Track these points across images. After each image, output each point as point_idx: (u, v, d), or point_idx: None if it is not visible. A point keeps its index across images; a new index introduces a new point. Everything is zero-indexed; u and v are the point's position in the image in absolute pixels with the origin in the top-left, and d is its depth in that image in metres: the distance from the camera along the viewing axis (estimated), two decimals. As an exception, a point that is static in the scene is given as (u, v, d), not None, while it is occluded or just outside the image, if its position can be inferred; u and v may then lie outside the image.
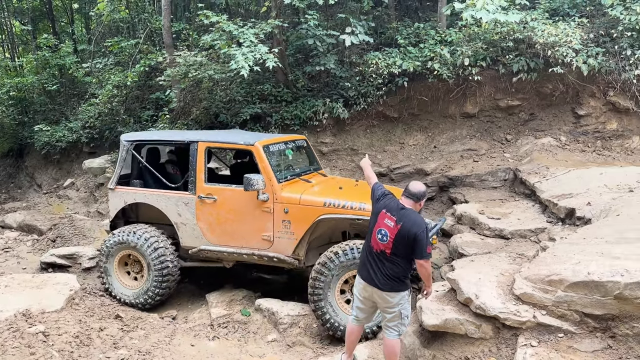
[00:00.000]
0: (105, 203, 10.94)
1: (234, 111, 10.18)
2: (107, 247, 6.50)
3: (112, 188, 6.67)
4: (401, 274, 4.26)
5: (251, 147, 5.97)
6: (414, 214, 4.24)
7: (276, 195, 5.80)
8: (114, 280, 6.52)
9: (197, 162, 6.15)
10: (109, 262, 6.52)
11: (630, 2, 8.91)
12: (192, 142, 6.23)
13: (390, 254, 4.20)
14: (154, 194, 6.46)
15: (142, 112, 12.04)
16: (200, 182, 6.13)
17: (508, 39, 9.21)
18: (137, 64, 11.66)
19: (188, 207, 6.19)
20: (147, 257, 6.25)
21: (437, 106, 10.04)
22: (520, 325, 4.29)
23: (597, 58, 8.84)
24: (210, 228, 6.15)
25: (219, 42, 8.76)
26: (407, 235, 4.10)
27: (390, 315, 4.36)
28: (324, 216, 5.64)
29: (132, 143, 6.67)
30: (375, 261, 4.29)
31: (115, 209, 6.69)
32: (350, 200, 5.66)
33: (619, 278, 3.97)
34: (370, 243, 4.36)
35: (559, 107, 9.51)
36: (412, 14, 11.80)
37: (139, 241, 6.26)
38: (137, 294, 6.39)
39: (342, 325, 5.33)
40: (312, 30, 9.25)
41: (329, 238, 6.15)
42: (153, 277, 6.25)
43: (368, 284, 4.33)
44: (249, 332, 5.70)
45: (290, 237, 5.80)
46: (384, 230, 4.23)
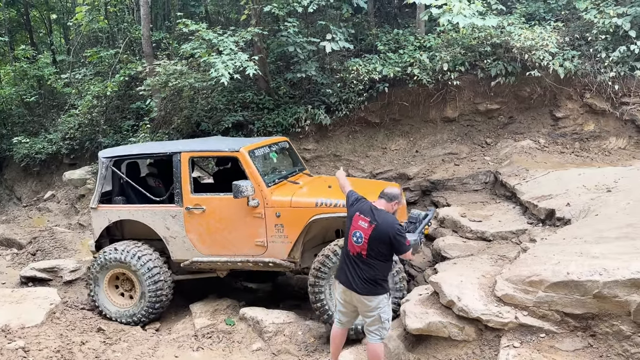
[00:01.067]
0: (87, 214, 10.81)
1: (216, 119, 10.16)
2: (98, 266, 6.28)
3: (94, 207, 6.48)
4: (378, 276, 4.31)
5: (236, 154, 5.90)
6: (387, 214, 4.34)
7: (266, 200, 5.76)
8: (104, 299, 6.34)
9: (181, 173, 6.04)
10: (98, 282, 6.32)
11: (603, 5, 9.10)
12: (175, 153, 6.10)
13: (367, 256, 4.27)
14: (139, 209, 6.30)
15: (122, 122, 11.95)
16: (187, 194, 6.03)
17: (486, 44, 9.34)
18: (117, 73, 11.58)
19: (176, 220, 6.08)
20: (140, 276, 6.09)
21: (417, 111, 10.12)
22: (502, 326, 4.32)
23: (573, 61, 8.99)
24: (201, 239, 6.06)
25: (199, 51, 8.74)
26: (382, 236, 4.21)
27: (370, 319, 4.39)
28: (317, 216, 5.63)
29: (111, 159, 6.47)
30: (353, 265, 4.34)
31: (100, 228, 6.50)
32: (341, 198, 5.57)
33: (598, 277, 4.02)
34: (347, 247, 4.42)
35: (537, 109, 9.64)
36: (391, 20, 11.90)
37: (132, 260, 6.09)
38: (130, 313, 6.23)
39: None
40: (293, 38, 9.28)
41: (322, 238, 6.15)
42: (147, 296, 6.11)
43: (347, 288, 4.37)
44: (234, 341, 5.66)
45: (284, 241, 5.77)
46: (358, 232, 4.30)
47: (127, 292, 6.40)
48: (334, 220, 5.79)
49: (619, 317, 3.92)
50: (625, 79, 8.97)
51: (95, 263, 6.30)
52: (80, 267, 7.61)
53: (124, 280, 6.38)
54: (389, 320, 4.47)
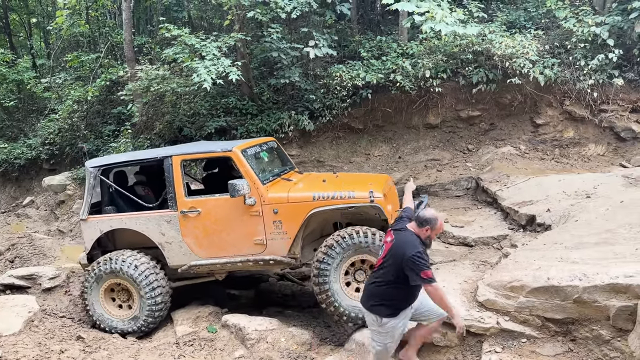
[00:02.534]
0: (67, 220, 10.68)
1: (199, 125, 10.10)
2: (92, 279, 6.09)
3: (84, 218, 6.27)
4: (383, 295, 4.05)
5: (229, 153, 5.85)
6: (411, 235, 3.99)
7: (263, 197, 5.70)
8: (102, 312, 6.15)
9: (174, 177, 5.94)
10: (94, 295, 6.12)
11: (582, 14, 9.28)
12: (166, 158, 6.00)
13: (377, 268, 4.13)
14: (132, 217, 6.14)
15: (103, 127, 11.82)
16: (181, 197, 5.93)
17: (467, 51, 9.44)
18: (98, 78, 11.47)
19: (171, 225, 5.97)
20: (138, 285, 5.95)
21: (400, 117, 10.18)
22: (484, 331, 4.35)
23: (553, 69, 9.14)
24: (198, 242, 5.96)
25: (182, 56, 8.69)
26: (397, 253, 3.94)
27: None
28: (315, 210, 5.57)
29: (99, 169, 6.30)
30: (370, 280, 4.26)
31: (91, 239, 6.28)
32: (337, 190, 5.64)
33: (578, 282, 4.08)
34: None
35: (518, 116, 9.77)
36: (375, 27, 11.98)
37: (128, 269, 5.94)
38: (128, 323, 6.08)
39: (346, 309, 5.29)
40: (276, 44, 9.28)
41: (320, 232, 6.12)
42: (146, 305, 5.97)
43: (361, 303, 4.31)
44: (216, 349, 5.60)
45: (283, 237, 5.71)
46: (383, 246, 4.20)
47: (125, 303, 6.22)
48: (332, 213, 5.76)
49: (598, 321, 3.98)
50: (603, 86, 9.15)
51: (90, 275, 6.11)
52: (60, 274, 7.47)
53: (119, 291, 6.21)
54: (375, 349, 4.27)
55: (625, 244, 4.85)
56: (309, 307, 6.95)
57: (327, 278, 5.34)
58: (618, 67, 9.15)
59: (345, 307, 5.31)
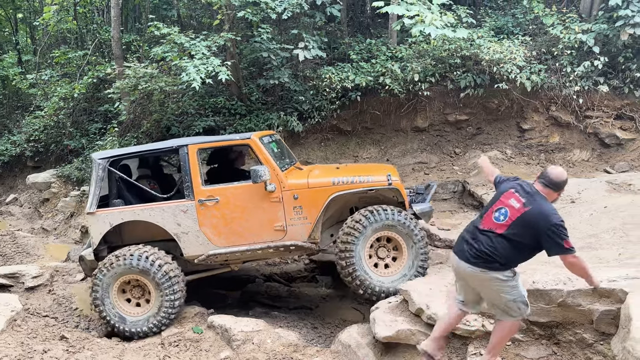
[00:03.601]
0: (52, 219, 10.56)
1: (186, 124, 10.05)
2: (106, 276, 5.86)
3: (92, 212, 6.04)
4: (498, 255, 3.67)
5: (248, 141, 5.90)
6: (547, 202, 3.66)
7: (283, 183, 5.78)
8: (116, 311, 5.93)
9: (190, 166, 5.89)
10: (108, 294, 5.90)
11: (569, 22, 9.40)
12: (181, 147, 5.94)
13: (500, 235, 3.68)
14: (145, 208, 5.97)
15: (90, 124, 11.71)
16: (198, 186, 5.87)
17: (455, 56, 9.52)
18: (85, 75, 11.35)
19: (188, 215, 5.89)
20: (156, 279, 5.79)
21: (389, 120, 10.23)
22: (469, 334, 4.38)
23: (540, 74, 9.24)
24: (217, 231, 5.91)
25: (171, 54, 8.64)
26: (532, 224, 3.59)
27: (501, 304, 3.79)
28: (336, 194, 5.72)
29: (108, 160, 6.12)
30: (477, 237, 3.79)
31: (100, 234, 6.05)
32: (355, 175, 5.83)
33: (562, 286, 4.13)
34: (478, 223, 3.87)
35: (505, 121, 9.87)
36: (364, 30, 12.02)
37: (145, 264, 5.77)
38: (144, 321, 5.89)
39: (372, 284, 5.52)
40: (266, 44, 9.28)
41: (338, 217, 6.20)
42: (165, 300, 5.82)
43: (458, 257, 3.86)
44: (201, 350, 5.57)
45: (303, 222, 5.79)
46: (504, 209, 3.73)
47: (139, 300, 6.03)
48: (350, 197, 5.93)
49: (582, 325, 4.03)
50: (589, 93, 9.28)
51: (102, 273, 5.87)
52: (43, 273, 7.39)
53: (132, 288, 6.03)
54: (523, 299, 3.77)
55: (609, 249, 4.93)
56: (295, 309, 6.97)
57: (353, 253, 5.50)
58: (603, 74, 9.29)
59: (370, 282, 5.53)
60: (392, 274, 5.65)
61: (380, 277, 5.61)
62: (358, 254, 5.55)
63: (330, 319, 6.51)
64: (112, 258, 5.89)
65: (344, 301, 7.30)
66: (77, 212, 9.96)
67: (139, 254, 5.84)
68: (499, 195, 3.88)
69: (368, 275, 5.57)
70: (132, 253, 5.85)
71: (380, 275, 5.62)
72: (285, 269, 8.22)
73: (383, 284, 5.56)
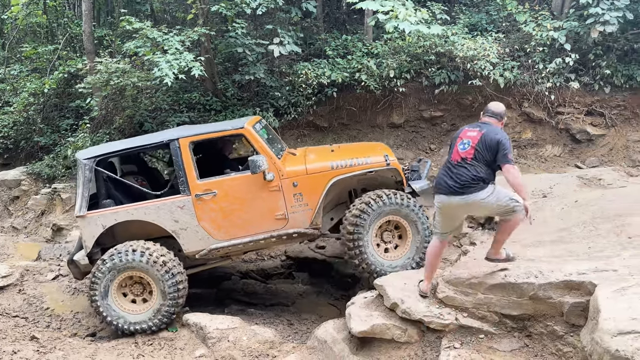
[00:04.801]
0: (22, 217, 10.31)
1: (160, 120, 9.90)
2: (105, 275, 5.69)
3: (82, 215, 5.83)
4: (480, 175, 4.33)
5: (242, 130, 5.83)
6: (496, 127, 4.47)
7: (281, 171, 5.75)
8: (117, 309, 5.78)
9: (183, 161, 5.75)
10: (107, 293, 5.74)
11: (541, 19, 9.53)
12: (172, 141, 5.78)
13: (471, 159, 4.36)
14: (139, 207, 5.81)
15: (61, 121, 11.45)
16: (193, 180, 5.76)
17: (430, 53, 9.57)
18: (56, 70, 11.10)
19: (185, 210, 5.77)
20: (157, 275, 5.66)
21: (365, 116, 10.25)
22: (443, 327, 4.43)
23: (513, 71, 9.36)
24: (216, 225, 5.82)
25: (143, 49, 8.50)
26: (490, 140, 4.31)
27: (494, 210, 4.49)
28: (336, 179, 5.75)
29: (94, 159, 5.89)
30: (453, 171, 4.42)
31: (93, 237, 5.83)
32: (353, 158, 5.88)
33: (534, 280, 4.20)
34: (449, 160, 4.53)
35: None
36: (340, 26, 12.01)
37: (148, 260, 5.63)
38: (146, 317, 5.76)
39: (377, 267, 5.62)
40: (241, 39, 9.19)
41: (336, 201, 6.22)
42: (168, 296, 5.69)
43: (445, 195, 4.44)
44: (176, 348, 5.52)
45: (304, 209, 5.79)
46: (466, 139, 4.44)
47: (139, 297, 5.89)
48: (349, 181, 5.95)
49: (552, 317, 4.10)
50: (560, 89, 9.43)
51: (101, 272, 5.69)
52: (13, 272, 7.22)
53: (132, 285, 5.88)
54: (508, 197, 4.40)
55: (579, 242, 5.02)
56: (271, 305, 6.95)
57: (361, 235, 5.56)
58: (574, 71, 9.45)
59: (377, 265, 5.63)
60: (397, 258, 5.75)
61: (386, 260, 5.71)
62: (365, 239, 5.61)
63: (306, 315, 6.52)
64: (113, 254, 5.71)
65: (320, 297, 7.32)
66: (48, 210, 9.75)
67: (141, 250, 5.70)
68: (456, 137, 4.62)
69: (375, 259, 5.65)
70: (134, 249, 5.71)
71: (386, 259, 5.72)
72: (261, 265, 8.19)
73: (389, 267, 5.66)
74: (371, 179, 6.00)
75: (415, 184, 6.03)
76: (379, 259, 5.67)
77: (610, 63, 9.27)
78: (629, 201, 6.09)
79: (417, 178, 6.13)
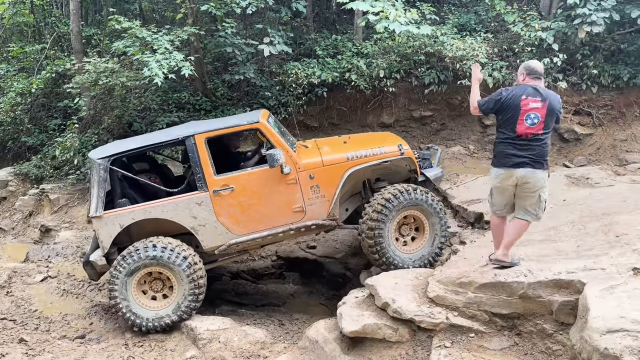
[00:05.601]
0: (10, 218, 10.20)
1: (149, 120, 9.85)
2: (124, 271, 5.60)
3: (98, 215, 5.72)
4: (546, 152, 4.46)
5: (257, 125, 5.88)
6: (549, 90, 4.50)
7: (298, 164, 5.79)
8: (137, 307, 5.69)
9: (199, 157, 5.74)
10: (127, 290, 5.67)
11: (529, 19, 9.61)
12: (188, 137, 5.76)
13: (542, 134, 4.39)
14: (157, 205, 5.77)
15: (48, 121, 11.35)
16: (210, 176, 5.75)
17: (420, 53, 9.62)
18: (44, 70, 10.99)
19: (203, 206, 5.76)
20: (179, 270, 5.62)
21: (355, 116, 10.27)
22: (434, 327, 4.45)
23: (501, 71, 9.42)
24: (235, 219, 5.82)
25: (132, 49, 8.45)
26: (556, 110, 4.40)
27: (530, 199, 4.48)
28: (352, 170, 5.82)
29: (109, 159, 5.82)
30: (525, 147, 4.40)
31: (110, 237, 5.76)
32: (367, 148, 5.96)
33: (523, 278, 4.23)
34: (516, 133, 4.43)
35: (468, 117, 10.03)
36: (330, 25, 12.02)
37: (171, 255, 5.59)
38: (165, 314, 5.69)
39: (395, 260, 5.71)
40: (231, 39, 9.17)
41: (351, 192, 6.27)
42: (188, 291, 5.66)
43: (516, 168, 4.41)
44: (167, 349, 5.49)
45: (322, 201, 5.84)
46: (533, 114, 4.36)
47: (159, 293, 5.82)
48: (364, 172, 5.99)
49: (542, 316, 4.14)
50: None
51: (122, 266, 5.61)
52: (0, 274, 7.15)
53: (151, 282, 5.81)
54: (546, 201, 4.56)
55: (568, 241, 5.07)
56: (262, 306, 6.95)
57: (381, 231, 5.65)
58: (562, 70, 9.54)
59: (395, 259, 5.71)
60: (415, 251, 5.84)
61: (404, 254, 5.80)
62: (385, 234, 5.67)
63: (297, 315, 6.52)
64: (132, 250, 5.66)
65: (311, 297, 7.33)
66: (36, 211, 9.65)
67: (162, 245, 5.66)
68: (515, 107, 4.41)
69: (394, 253, 5.72)
70: (155, 244, 5.66)
71: (404, 253, 5.80)
72: (252, 266, 8.18)
73: (407, 260, 5.75)
74: (385, 168, 6.07)
75: (429, 172, 6.16)
76: (397, 252, 5.76)
77: (597, 63, 9.37)
78: (616, 200, 6.17)
79: (429, 166, 6.28)
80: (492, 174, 4.65)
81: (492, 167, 4.66)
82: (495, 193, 4.67)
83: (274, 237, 5.98)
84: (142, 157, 6.86)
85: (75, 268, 7.64)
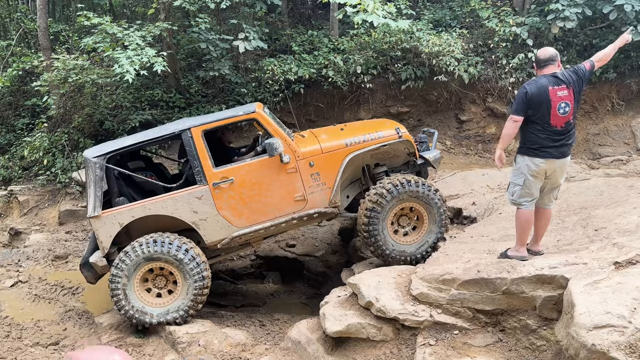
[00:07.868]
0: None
1: (121, 118, 9.62)
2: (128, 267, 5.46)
3: (96, 215, 5.59)
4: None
5: (254, 115, 5.82)
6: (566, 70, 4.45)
7: (297, 152, 5.71)
8: (139, 303, 5.55)
9: (197, 150, 5.62)
10: (130, 287, 5.52)
11: (503, 15, 9.68)
12: (184, 131, 5.65)
13: (572, 119, 4.38)
14: (157, 201, 5.64)
15: (16, 120, 10.99)
16: (209, 169, 5.62)
17: (396, 48, 9.61)
18: (10, 67, 10.63)
19: (203, 200, 5.63)
20: (183, 265, 5.49)
21: (333, 112, 10.22)
22: (418, 325, 4.41)
23: (477, 67, 9.48)
24: (236, 212, 5.70)
25: (102, 45, 8.22)
26: (580, 89, 4.41)
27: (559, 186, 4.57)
28: (351, 155, 5.76)
29: (104, 157, 5.67)
30: (563, 136, 4.36)
31: (110, 236, 5.65)
32: (365, 133, 5.90)
33: (506, 274, 4.22)
34: (549, 125, 4.34)
35: (444, 113, 10.08)
36: (305, 21, 11.93)
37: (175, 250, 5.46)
38: (169, 311, 5.56)
39: (392, 252, 5.65)
40: (204, 35, 9.00)
41: (351, 178, 6.21)
42: (193, 287, 5.53)
43: (557, 158, 4.38)
44: (145, 354, 5.35)
45: (323, 189, 5.79)
46: (564, 103, 4.31)
47: (161, 289, 5.68)
48: (363, 157, 5.96)
49: (525, 312, 4.14)
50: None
51: (124, 262, 5.47)
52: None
53: (154, 278, 5.67)
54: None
55: (547, 236, 5.08)
56: (242, 307, 6.83)
57: (376, 227, 5.59)
58: (536, 66, 9.64)
59: (391, 251, 5.66)
60: (413, 242, 5.80)
61: (402, 245, 5.74)
62: (382, 225, 5.62)
63: (278, 315, 6.42)
64: (135, 246, 5.52)
65: (292, 296, 7.25)
66: (5, 213, 9.33)
67: (167, 241, 5.53)
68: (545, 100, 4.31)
69: (390, 244, 5.68)
70: (156, 239, 5.53)
71: (402, 244, 5.75)
72: (230, 266, 8.05)
73: (405, 251, 5.71)
74: (384, 152, 6.05)
75: (427, 154, 6.15)
76: (394, 243, 5.71)
77: (570, 58, 9.49)
78: (592, 194, 6.24)
79: (426, 149, 6.26)
80: (528, 164, 4.43)
81: (527, 157, 4.45)
82: (531, 183, 4.48)
83: (276, 228, 5.91)
84: (137, 155, 6.74)
85: (47, 272, 7.42)
